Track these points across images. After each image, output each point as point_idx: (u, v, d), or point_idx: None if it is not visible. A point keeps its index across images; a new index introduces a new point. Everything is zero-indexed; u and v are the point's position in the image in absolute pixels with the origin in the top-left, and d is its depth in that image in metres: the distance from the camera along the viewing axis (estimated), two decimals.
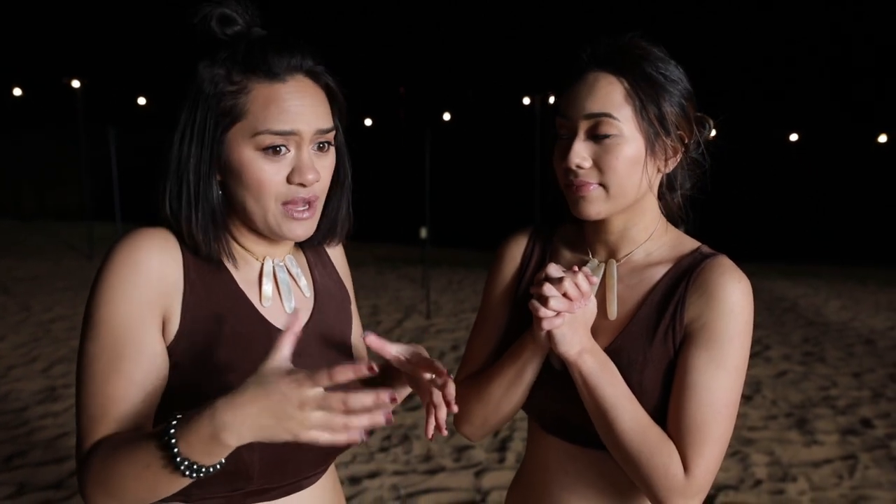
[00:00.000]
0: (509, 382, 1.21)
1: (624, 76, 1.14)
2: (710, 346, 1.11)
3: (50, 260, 10.28)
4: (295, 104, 1.06)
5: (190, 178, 1.07)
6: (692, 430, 1.09)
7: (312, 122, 1.07)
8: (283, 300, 1.16)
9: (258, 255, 1.16)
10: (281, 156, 1.06)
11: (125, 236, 1.07)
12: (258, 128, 1.04)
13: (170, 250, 1.08)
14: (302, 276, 1.20)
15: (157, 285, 1.05)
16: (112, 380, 1.02)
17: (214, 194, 1.08)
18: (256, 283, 1.15)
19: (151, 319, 1.05)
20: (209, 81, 1.06)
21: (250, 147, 1.05)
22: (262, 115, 1.05)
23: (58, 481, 3.45)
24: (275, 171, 1.06)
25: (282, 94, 1.05)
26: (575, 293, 1.11)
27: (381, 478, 3.54)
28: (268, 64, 1.06)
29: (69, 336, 6.10)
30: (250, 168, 1.05)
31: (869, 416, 4.54)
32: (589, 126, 1.13)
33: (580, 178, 1.14)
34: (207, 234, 1.08)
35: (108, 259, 1.05)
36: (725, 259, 1.17)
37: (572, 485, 1.23)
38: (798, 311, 7.76)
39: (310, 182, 1.07)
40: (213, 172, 1.07)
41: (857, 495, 3.46)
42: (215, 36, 1.08)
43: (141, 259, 1.05)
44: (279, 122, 1.04)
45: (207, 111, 1.06)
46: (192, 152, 1.06)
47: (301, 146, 1.07)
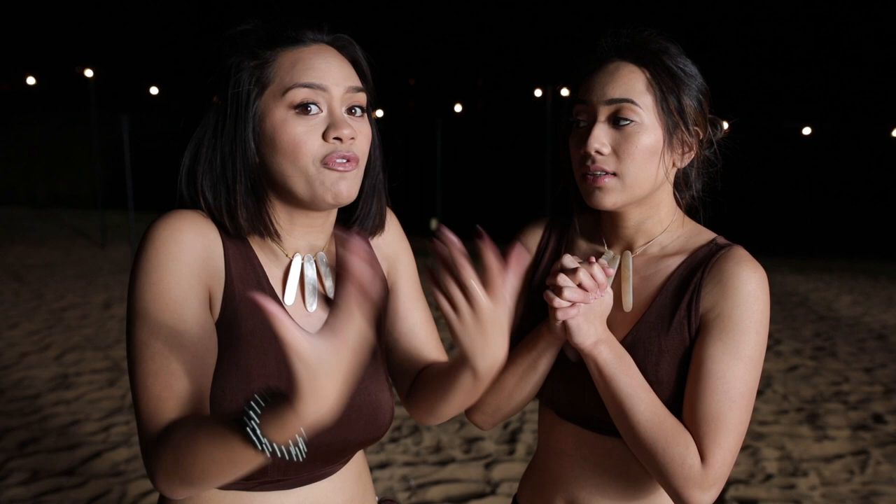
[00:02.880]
0: (523, 372, 1.22)
1: (646, 66, 1.14)
2: (726, 335, 1.11)
3: (62, 248, 10.34)
4: (320, 61, 1.06)
5: (226, 159, 1.06)
6: (708, 420, 1.09)
7: (340, 79, 1.06)
8: (306, 300, 1.13)
9: (288, 249, 1.13)
10: (313, 115, 1.04)
11: (164, 218, 1.05)
12: (287, 84, 1.04)
13: (211, 233, 1.07)
14: (330, 276, 1.16)
15: (204, 264, 1.04)
16: (175, 355, 1.00)
17: (254, 170, 1.06)
18: (282, 280, 1.13)
19: (202, 296, 1.04)
20: (235, 65, 1.06)
21: (282, 108, 1.04)
22: (288, 74, 1.04)
23: (70, 468, 3.47)
24: (308, 128, 1.04)
25: (307, 54, 1.06)
26: (590, 284, 1.11)
27: (392, 468, 3.55)
28: (292, 33, 1.07)
29: (81, 324, 6.14)
30: (283, 129, 1.03)
31: (880, 411, 4.51)
32: (610, 112, 1.14)
33: (597, 166, 1.14)
34: (250, 211, 1.06)
35: (151, 239, 1.03)
36: (741, 249, 1.17)
37: (589, 471, 1.23)
38: (809, 305, 7.73)
39: (346, 136, 1.04)
40: (250, 149, 1.06)
41: (868, 491, 3.45)
42: (236, 44, 1.09)
43: (186, 237, 1.03)
44: (307, 77, 1.04)
45: (238, 90, 1.05)
46: (226, 134, 1.06)
47: (332, 104, 1.05)
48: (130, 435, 3.86)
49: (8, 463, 3.50)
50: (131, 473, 3.43)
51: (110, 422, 4.04)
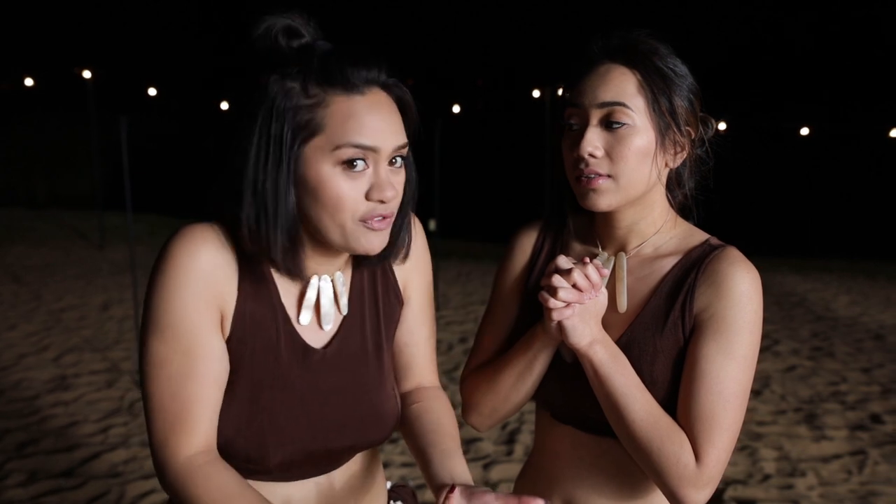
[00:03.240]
0: (519, 373, 1.22)
1: (637, 68, 1.14)
2: (720, 335, 1.12)
3: (61, 249, 10.34)
4: (374, 119, 1.03)
5: (268, 197, 1.03)
6: (702, 420, 1.10)
7: (391, 138, 1.05)
8: (322, 320, 1.15)
9: (309, 271, 1.13)
10: (359, 171, 1.03)
11: (183, 234, 1.06)
12: (338, 141, 1.01)
13: (226, 253, 1.08)
14: (345, 293, 1.18)
15: (217, 286, 1.06)
16: (189, 380, 1.04)
17: (292, 213, 1.05)
18: (297, 299, 1.14)
19: (215, 320, 1.07)
20: (283, 95, 1.02)
21: (329, 162, 1.02)
22: (341, 129, 1.02)
23: (69, 469, 3.47)
24: (353, 187, 1.03)
25: (361, 107, 1.03)
26: (585, 284, 1.12)
27: (390, 469, 3.55)
28: (345, 76, 1.03)
29: (80, 325, 6.14)
30: (329, 184, 1.02)
31: (878, 411, 4.52)
32: (602, 115, 1.14)
33: (590, 168, 1.14)
34: (287, 254, 1.07)
35: (171, 256, 1.05)
36: (734, 250, 1.18)
37: (585, 472, 1.24)
38: (807, 305, 7.73)
39: (389, 199, 1.05)
40: (291, 193, 1.04)
41: (866, 491, 3.45)
42: (280, 49, 1.04)
43: (203, 259, 1.05)
44: (360, 136, 1.02)
45: (284, 126, 1.02)
46: (269, 169, 1.03)
47: (378, 162, 1.04)
48: (129, 436, 3.86)
49: (6, 464, 3.50)
50: (130, 474, 3.43)
51: (109, 423, 4.04)
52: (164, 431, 1.05)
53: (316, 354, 1.14)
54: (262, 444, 1.10)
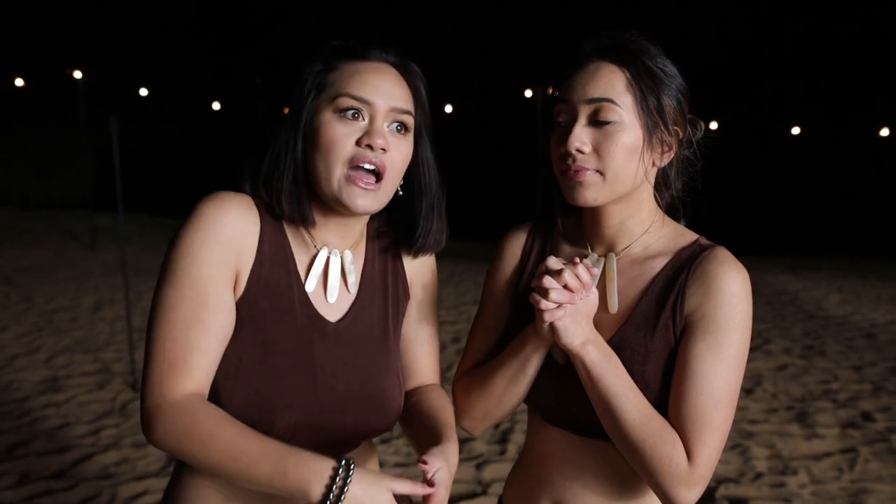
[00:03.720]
0: (512, 376, 1.22)
1: (626, 66, 1.15)
2: (710, 336, 1.12)
3: (52, 250, 10.30)
4: (374, 77, 1.15)
5: (282, 148, 1.16)
6: (693, 419, 1.10)
7: (388, 97, 1.15)
8: (328, 291, 1.21)
9: (318, 241, 1.21)
10: (355, 121, 1.14)
11: (212, 196, 1.13)
12: (338, 91, 1.14)
13: (251, 216, 1.15)
14: (354, 272, 1.24)
15: (237, 246, 1.12)
16: (193, 328, 1.08)
17: (298, 159, 1.16)
18: (307, 267, 1.20)
19: (229, 276, 1.12)
20: (309, 69, 1.17)
21: (329, 110, 1.14)
22: (344, 82, 1.14)
23: (60, 471, 3.46)
24: (346, 132, 1.13)
25: (365, 67, 1.16)
26: (575, 284, 1.12)
27: (384, 469, 3.54)
28: (359, 49, 1.18)
29: (71, 326, 6.12)
30: (325, 128, 1.13)
31: (869, 409, 4.54)
32: (590, 111, 1.15)
33: (578, 164, 1.15)
34: (291, 199, 1.15)
35: (195, 214, 1.11)
36: (724, 250, 1.19)
37: (576, 475, 1.24)
38: (799, 304, 7.76)
39: (377, 146, 1.12)
40: (300, 142, 1.16)
41: (857, 488, 3.47)
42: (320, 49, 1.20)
43: (227, 219, 1.11)
44: (357, 89, 1.14)
45: (304, 88, 1.16)
46: (285, 127, 1.17)
47: (375, 116, 1.14)
48: (120, 437, 3.85)
49: None
50: (121, 476, 3.42)
51: (100, 424, 4.03)
52: (162, 373, 1.07)
53: (329, 326, 1.19)
54: (270, 408, 1.12)
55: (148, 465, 3.52)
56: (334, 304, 1.22)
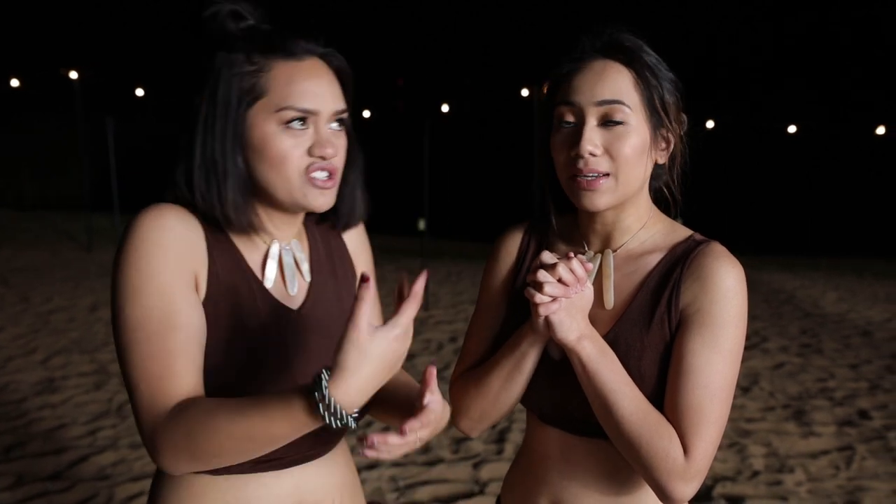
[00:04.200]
0: (508, 374, 1.22)
1: (631, 65, 1.14)
2: (705, 330, 1.12)
3: (48, 251, 10.29)
4: (313, 84, 1.12)
5: (217, 157, 1.11)
6: (689, 414, 1.10)
7: (330, 102, 1.14)
8: (287, 283, 1.21)
9: (265, 237, 1.20)
10: (302, 131, 1.12)
11: (147, 210, 1.10)
12: (280, 104, 1.10)
13: (192, 222, 1.12)
14: (304, 260, 1.25)
15: (190, 250, 1.10)
16: (169, 335, 1.04)
17: (241, 170, 1.13)
18: (261, 265, 1.19)
19: (188, 278, 1.09)
20: (228, 66, 1.11)
21: (273, 122, 1.11)
22: (283, 91, 1.11)
23: (56, 472, 3.45)
24: (295, 143, 1.11)
25: (301, 72, 1.12)
26: (570, 278, 1.12)
27: (380, 469, 3.55)
28: (285, 46, 1.13)
29: (68, 327, 6.10)
30: (273, 141, 1.11)
31: (866, 407, 4.55)
32: (601, 113, 1.14)
33: (590, 167, 1.14)
34: (238, 208, 1.13)
35: (136, 229, 1.07)
36: (719, 245, 1.18)
37: (573, 474, 1.24)
38: (795, 303, 7.78)
39: (329, 155, 1.12)
40: (237, 149, 1.12)
41: (853, 486, 3.47)
42: (228, 31, 1.13)
43: (172, 225, 1.09)
44: (301, 100, 1.11)
45: (229, 92, 1.11)
46: (216, 133, 1.11)
47: (319, 124, 1.13)
48: (117, 438, 3.84)
49: None
50: (118, 477, 3.41)
51: (97, 425, 4.02)
52: (151, 393, 1.02)
53: (293, 314, 1.19)
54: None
55: (145, 466, 3.52)
56: (297, 295, 1.22)
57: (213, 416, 0.98)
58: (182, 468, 1.02)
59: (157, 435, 1.01)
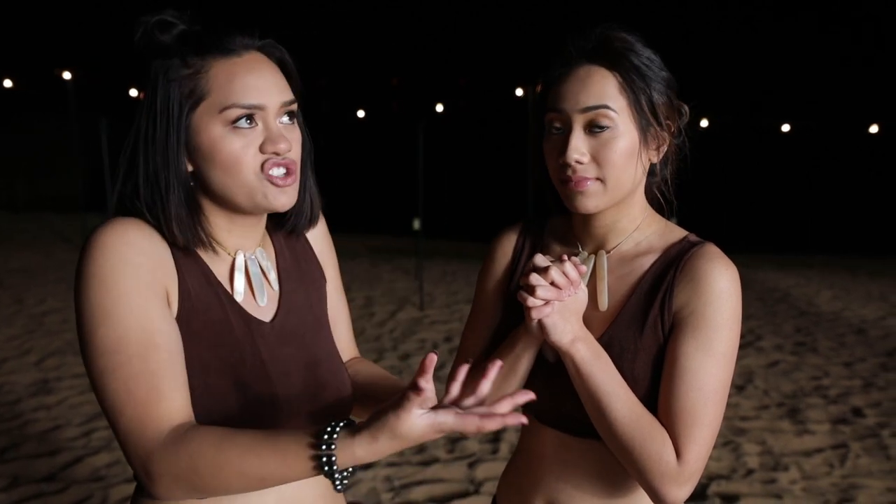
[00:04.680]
0: (503, 376, 1.22)
1: (616, 69, 1.14)
2: (699, 333, 1.12)
3: (42, 252, 10.25)
4: (255, 77, 1.07)
5: (159, 170, 1.06)
6: (683, 417, 1.10)
7: (276, 95, 1.08)
8: (256, 295, 1.16)
9: (229, 248, 1.15)
10: (251, 129, 1.06)
11: (107, 224, 1.04)
12: (225, 103, 1.05)
13: (156, 236, 1.07)
14: (272, 269, 1.20)
15: (159, 266, 1.05)
16: (152, 356, 0.99)
17: (185, 180, 1.08)
18: (228, 277, 1.15)
19: (161, 294, 1.04)
20: (164, 73, 1.06)
21: (218, 124, 1.05)
22: (225, 90, 1.05)
23: (51, 474, 3.44)
24: (246, 143, 1.06)
25: (241, 68, 1.07)
26: (562, 281, 1.12)
27: (375, 469, 3.55)
28: (221, 43, 1.07)
29: (62, 328, 6.09)
30: (221, 145, 1.05)
31: (860, 405, 4.57)
32: (586, 120, 1.13)
33: (578, 174, 1.14)
34: (182, 223, 1.07)
35: (98, 246, 1.02)
36: (713, 247, 1.18)
37: (567, 474, 1.24)
38: (790, 301, 7.79)
39: (283, 150, 1.07)
40: (182, 161, 1.07)
41: (847, 484, 3.48)
42: (160, 42, 1.07)
43: (135, 239, 1.03)
44: (245, 96, 1.05)
45: (168, 99, 1.05)
46: (157, 145, 1.06)
47: (267, 119, 1.07)
48: (111, 440, 3.83)
49: None
50: (112, 478, 3.40)
51: (91, 427, 4.01)
52: (139, 417, 0.97)
53: (265, 327, 1.15)
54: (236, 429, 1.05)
55: None
56: (267, 306, 1.17)
57: (223, 452, 0.93)
58: (178, 497, 0.98)
59: (153, 463, 0.95)
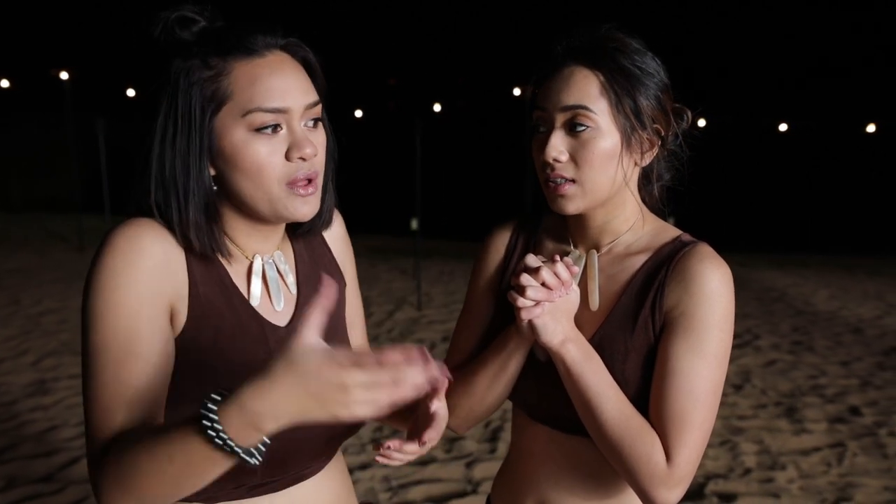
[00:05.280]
0: (494, 374, 1.22)
1: (599, 69, 1.13)
2: (689, 334, 1.11)
3: (39, 252, 10.23)
4: (279, 80, 1.03)
5: (178, 175, 1.03)
6: (673, 419, 1.09)
7: (300, 97, 1.04)
8: (273, 299, 1.14)
9: (248, 251, 1.13)
10: (275, 134, 1.03)
11: (122, 225, 1.03)
12: (248, 107, 1.01)
13: (170, 241, 1.05)
14: (290, 272, 1.18)
15: (164, 273, 1.03)
16: (126, 366, 0.98)
17: (207, 188, 1.05)
18: (246, 281, 1.13)
19: (160, 305, 1.02)
20: (185, 74, 1.02)
21: (242, 128, 1.02)
22: (248, 93, 1.01)
23: (48, 474, 3.44)
24: (271, 150, 1.02)
25: (263, 70, 1.03)
26: (553, 282, 1.11)
27: (373, 469, 3.54)
28: (243, 43, 1.03)
29: (59, 329, 6.07)
30: (245, 151, 1.02)
31: (857, 404, 4.57)
32: (566, 119, 1.13)
33: (556, 173, 1.14)
34: (201, 230, 1.05)
35: (109, 246, 1.01)
36: (705, 246, 1.17)
37: (558, 471, 1.24)
38: (787, 300, 7.80)
39: (309, 156, 1.04)
40: (204, 165, 1.04)
41: (845, 482, 3.49)
42: (180, 39, 1.04)
43: (146, 245, 1.01)
44: (268, 100, 1.01)
45: (190, 102, 1.02)
46: (177, 149, 1.03)
47: (292, 122, 1.04)
48: None
49: None
50: None
51: None
52: (97, 424, 0.98)
53: (281, 331, 1.12)
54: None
55: None
56: (283, 311, 1.15)
57: (140, 452, 0.90)
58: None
59: (95, 472, 0.96)
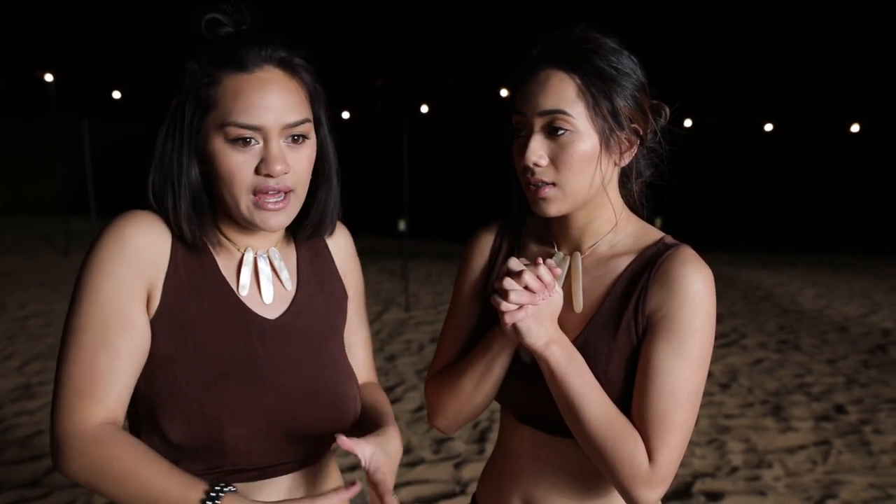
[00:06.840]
0: (480, 376, 1.22)
1: (575, 72, 1.13)
2: (672, 336, 1.12)
3: (25, 255, 10.15)
4: (260, 97, 1.08)
5: (172, 167, 1.11)
6: (655, 420, 1.11)
7: (279, 116, 1.09)
8: (262, 291, 1.18)
9: (240, 245, 1.18)
10: (249, 146, 1.09)
11: (119, 216, 1.12)
12: (225, 119, 1.08)
13: (158, 231, 1.12)
14: (285, 269, 1.22)
15: (144, 262, 1.10)
16: (100, 351, 1.06)
17: (195, 183, 1.12)
18: (236, 272, 1.18)
19: (137, 295, 1.09)
20: (189, 76, 1.11)
21: (220, 137, 1.09)
22: (229, 106, 1.08)
23: (34, 479, 3.41)
24: (243, 160, 1.09)
25: (248, 86, 1.09)
26: (536, 285, 1.12)
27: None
28: (238, 55, 1.10)
29: (45, 333, 6.03)
30: (220, 158, 1.09)
31: (842, 402, 4.61)
32: (544, 123, 1.14)
33: (536, 177, 1.15)
34: (191, 222, 1.12)
35: (99, 237, 1.10)
36: (688, 249, 1.18)
37: (543, 472, 1.25)
38: (773, 299, 7.85)
39: (277, 173, 1.09)
40: (192, 162, 1.12)
41: (830, 480, 3.51)
42: (205, 39, 1.12)
43: (129, 236, 1.09)
44: (244, 116, 1.08)
45: (187, 103, 1.11)
46: (174, 143, 1.11)
47: (269, 139, 1.09)
48: None
49: None
50: None
51: None
52: (70, 400, 1.05)
53: (268, 324, 1.17)
54: (216, 421, 1.08)
55: None
56: (272, 303, 1.19)
57: (135, 469, 1.02)
58: (77, 482, 1.05)
59: (67, 445, 1.04)
